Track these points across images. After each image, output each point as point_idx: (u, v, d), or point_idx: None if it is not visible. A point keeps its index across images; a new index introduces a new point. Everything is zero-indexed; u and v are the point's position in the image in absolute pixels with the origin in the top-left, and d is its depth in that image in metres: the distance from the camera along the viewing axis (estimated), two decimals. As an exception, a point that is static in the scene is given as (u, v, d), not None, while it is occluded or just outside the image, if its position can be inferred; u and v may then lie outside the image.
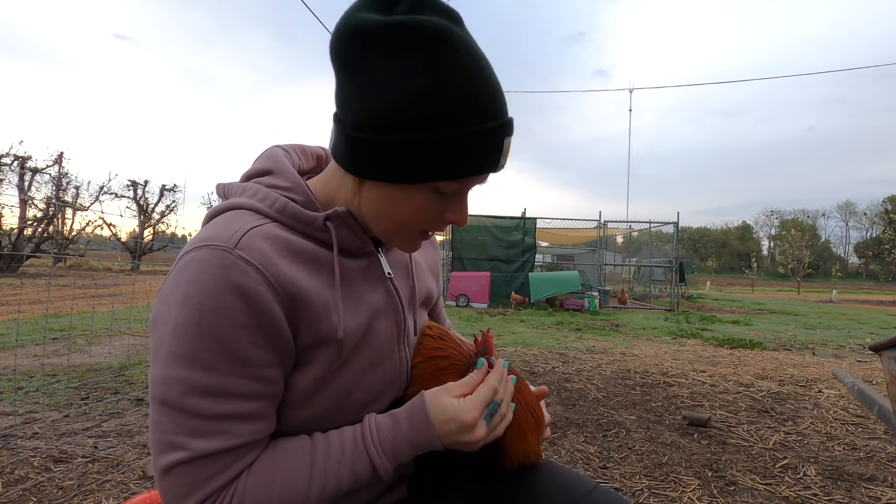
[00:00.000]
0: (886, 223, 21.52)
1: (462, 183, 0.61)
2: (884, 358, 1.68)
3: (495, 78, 0.60)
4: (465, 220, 0.65)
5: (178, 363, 0.55)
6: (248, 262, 0.56)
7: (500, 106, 0.59)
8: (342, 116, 0.61)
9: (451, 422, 0.63)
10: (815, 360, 5.21)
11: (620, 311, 11.44)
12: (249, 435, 0.58)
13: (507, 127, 0.60)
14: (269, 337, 0.58)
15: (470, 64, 0.56)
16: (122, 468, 2.07)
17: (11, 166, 18.86)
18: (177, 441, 0.55)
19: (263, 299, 0.56)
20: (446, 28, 0.56)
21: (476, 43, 0.59)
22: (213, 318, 0.54)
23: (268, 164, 0.70)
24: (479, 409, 0.64)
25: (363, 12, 0.57)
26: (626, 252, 23.07)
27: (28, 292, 9.76)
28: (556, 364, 4.51)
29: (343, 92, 0.60)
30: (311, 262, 0.63)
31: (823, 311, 13.83)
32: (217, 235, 0.58)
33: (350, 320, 0.65)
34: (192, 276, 0.55)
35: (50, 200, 19.53)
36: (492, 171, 0.61)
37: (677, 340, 6.61)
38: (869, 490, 2.10)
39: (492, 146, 0.58)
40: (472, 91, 0.56)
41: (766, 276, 61.04)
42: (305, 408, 0.64)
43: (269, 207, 0.63)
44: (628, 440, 2.62)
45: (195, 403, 0.55)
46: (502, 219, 12.85)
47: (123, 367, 3.82)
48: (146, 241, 24.25)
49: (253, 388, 0.57)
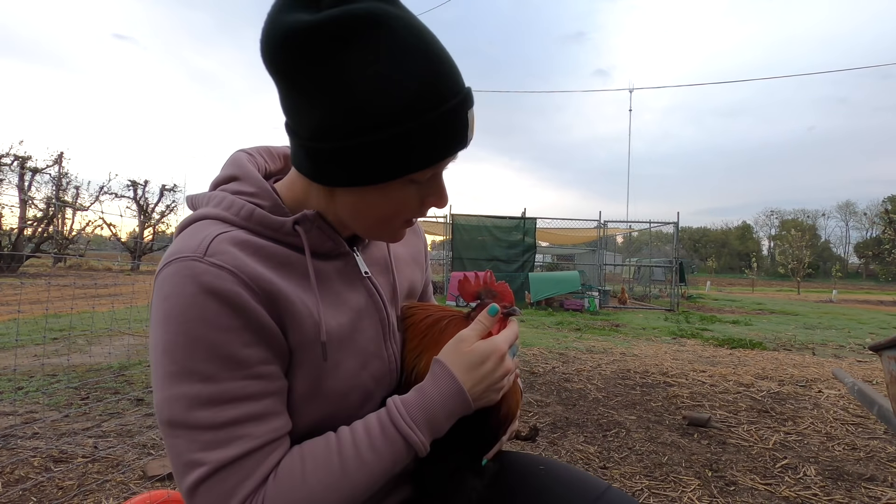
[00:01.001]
0: (886, 223, 21.50)
1: (435, 168, 0.59)
2: (884, 358, 1.68)
3: (444, 51, 0.56)
4: (446, 201, 0.64)
5: (176, 380, 0.54)
6: (220, 267, 0.55)
7: (455, 80, 0.56)
8: (294, 127, 0.58)
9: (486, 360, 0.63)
10: (815, 360, 5.21)
11: (620, 311, 11.43)
12: (265, 435, 0.56)
13: (468, 100, 0.57)
14: (258, 334, 0.56)
15: (415, 45, 0.53)
16: (122, 468, 2.07)
17: (11, 166, 18.86)
18: (193, 459, 0.53)
19: (243, 299, 0.55)
20: (381, 12, 0.52)
21: (416, 18, 0.56)
22: (199, 327, 0.53)
23: (232, 170, 0.67)
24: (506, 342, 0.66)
25: (288, 13, 0.52)
26: (626, 252, 23.08)
27: (28, 292, 9.75)
28: (555, 364, 4.51)
29: (289, 101, 0.57)
30: (284, 266, 0.61)
31: (823, 311, 13.82)
32: (184, 247, 0.57)
33: (332, 320, 0.63)
34: (168, 292, 0.54)
35: (50, 200, 19.53)
36: (462, 148, 0.59)
37: (677, 340, 6.61)
38: (869, 490, 2.10)
39: (457, 125, 0.56)
40: (425, 74, 0.53)
41: (766, 276, 61.05)
42: (303, 416, 0.63)
43: (234, 215, 0.62)
44: (628, 440, 2.62)
45: (202, 416, 0.53)
46: (502, 219, 12.85)
47: (123, 367, 3.82)
48: (146, 241, 24.24)
49: (256, 387, 0.56)
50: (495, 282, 0.73)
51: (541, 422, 2.90)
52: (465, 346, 0.64)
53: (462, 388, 0.62)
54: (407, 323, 0.76)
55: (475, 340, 0.65)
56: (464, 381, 0.62)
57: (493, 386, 0.64)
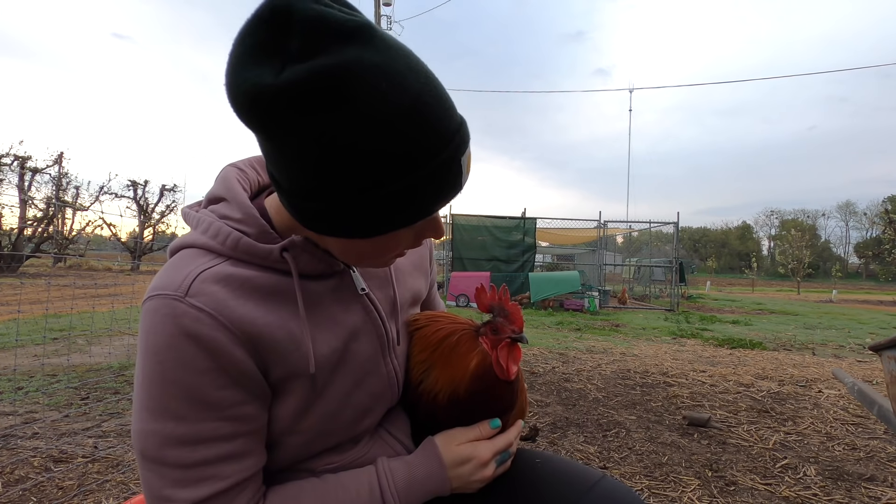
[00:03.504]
0: (886, 223, 21.50)
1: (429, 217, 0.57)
2: (884, 358, 1.68)
3: (433, 90, 0.50)
4: (442, 233, 0.62)
5: (151, 416, 0.55)
6: (199, 310, 0.55)
7: (446, 125, 0.51)
8: (275, 174, 0.54)
9: (467, 462, 0.68)
10: (815, 360, 5.21)
11: (620, 311, 11.44)
12: (237, 474, 0.57)
13: (461, 145, 0.52)
14: (233, 377, 0.57)
15: (397, 99, 0.47)
16: (122, 468, 2.07)
17: (11, 166, 18.86)
18: (163, 494, 0.55)
19: (219, 343, 0.55)
20: (353, 66, 0.45)
21: (397, 53, 0.48)
22: (174, 368, 0.54)
23: (220, 190, 0.65)
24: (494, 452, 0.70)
25: (250, 69, 0.46)
26: (626, 252, 23.06)
27: (28, 292, 9.75)
28: (556, 364, 4.51)
29: (264, 148, 0.53)
30: (271, 295, 0.60)
31: (823, 311, 13.82)
32: (168, 283, 0.56)
33: (324, 346, 0.62)
34: (149, 328, 0.55)
35: (50, 200, 19.53)
36: (457, 194, 0.55)
37: (677, 340, 6.61)
38: (869, 490, 2.10)
39: (449, 176, 0.52)
40: (410, 131, 0.48)
41: (766, 276, 61.04)
42: (294, 435, 0.63)
43: (221, 244, 0.60)
44: (628, 440, 2.62)
45: (173, 454, 0.55)
46: (502, 219, 12.86)
47: (123, 367, 3.82)
48: (146, 241, 24.23)
49: (229, 428, 0.57)
50: (509, 300, 0.73)
51: (541, 422, 2.90)
52: (457, 441, 0.69)
53: (447, 477, 0.67)
54: (416, 333, 0.76)
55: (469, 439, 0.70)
56: (450, 468, 0.68)
57: (469, 485, 0.69)
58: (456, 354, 0.70)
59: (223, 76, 0.49)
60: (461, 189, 0.55)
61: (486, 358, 0.70)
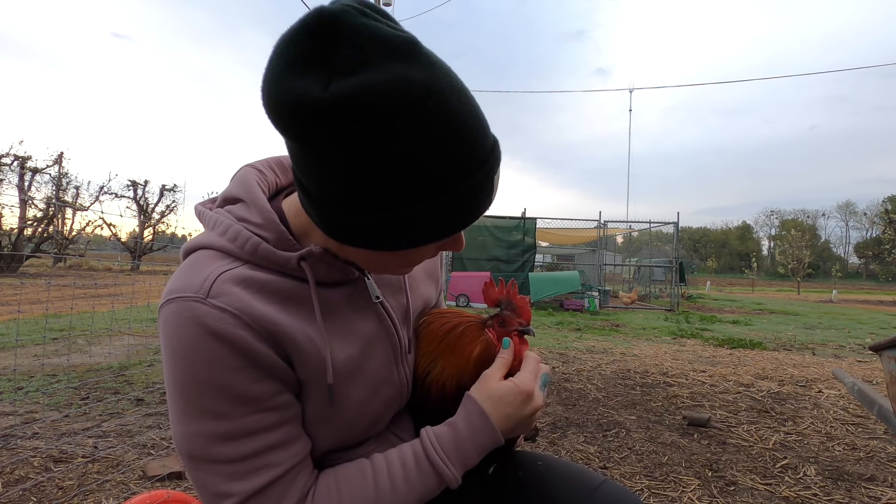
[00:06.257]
0: (886, 223, 21.52)
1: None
2: (884, 358, 1.68)
3: (472, 111, 0.50)
4: (462, 247, 0.61)
5: (191, 418, 0.55)
6: (222, 310, 0.54)
7: (482, 144, 0.51)
8: (303, 182, 0.53)
9: (510, 400, 0.65)
10: (815, 360, 5.21)
11: (620, 311, 11.44)
12: (288, 460, 0.58)
13: (495, 165, 0.53)
14: (266, 370, 0.57)
15: (440, 118, 0.47)
16: (122, 468, 2.07)
17: (11, 166, 18.87)
18: (222, 490, 0.55)
19: (246, 341, 0.55)
20: (402, 81, 0.44)
21: (443, 69, 0.48)
22: (206, 369, 0.54)
23: (239, 191, 0.65)
24: (533, 379, 0.68)
25: (295, 78, 0.45)
26: (626, 252, 23.06)
27: (28, 292, 9.75)
28: (556, 364, 4.51)
29: (297, 157, 0.51)
30: (289, 300, 0.60)
31: (823, 311, 13.82)
32: (188, 285, 0.56)
33: (340, 353, 0.62)
34: (172, 333, 0.55)
35: (50, 200, 19.53)
36: (486, 211, 0.56)
37: (677, 340, 6.61)
38: (869, 490, 2.10)
39: (482, 195, 0.53)
40: (451, 150, 0.48)
41: (766, 276, 61.06)
42: (311, 442, 0.63)
43: (239, 248, 0.60)
44: (628, 440, 2.62)
45: (222, 451, 0.55)
46: (502, 219, 12.85)
47: (123, 367, 3.82)
48: (146, 241, 24.26)
49: (272, 418, 0.57)
50: (517, 294, 0.74)
51: (541, 422, 2.90)
52: (492, 382, 0.66)
53: (494, 426, 0.64)
54: (422, 327, 0.76)
55: (500, 377, 0.67)
56: (495, 418, 0.64)
57: (524, 422, 0.67)
58: (460, 343, 0.71)
59: (261, 82, 0.47)
60: (490, 206, 0.56)
61: (489, 345, 0.71)
